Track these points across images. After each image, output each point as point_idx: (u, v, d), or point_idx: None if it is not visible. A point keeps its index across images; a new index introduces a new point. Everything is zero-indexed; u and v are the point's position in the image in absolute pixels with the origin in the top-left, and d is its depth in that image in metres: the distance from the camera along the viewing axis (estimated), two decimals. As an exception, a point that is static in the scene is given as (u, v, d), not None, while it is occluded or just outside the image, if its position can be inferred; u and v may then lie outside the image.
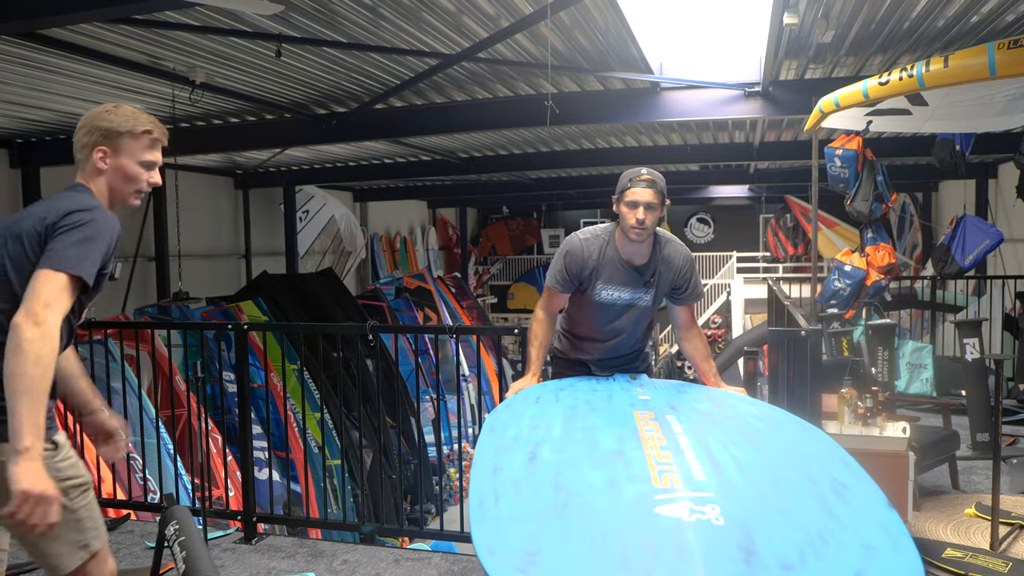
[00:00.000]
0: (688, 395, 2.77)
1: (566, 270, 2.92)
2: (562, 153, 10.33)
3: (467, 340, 10.27)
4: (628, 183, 2.81)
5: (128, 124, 2.07)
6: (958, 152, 5.27)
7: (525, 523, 1.71)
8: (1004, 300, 7.88)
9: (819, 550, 1.62)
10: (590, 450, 2.06)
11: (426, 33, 4.82)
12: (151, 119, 2.13)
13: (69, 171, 6.65)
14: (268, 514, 4.07)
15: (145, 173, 2.12)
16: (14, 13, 3.51)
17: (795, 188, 13.70)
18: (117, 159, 2.08)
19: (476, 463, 2.04)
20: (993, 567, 3.33)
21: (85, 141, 2.08)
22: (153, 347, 6.66)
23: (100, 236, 1.96)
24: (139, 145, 2.09)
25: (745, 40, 5.25)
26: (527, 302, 20.38)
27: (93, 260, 1.92)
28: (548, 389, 2.81)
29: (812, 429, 2.31)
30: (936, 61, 3.25)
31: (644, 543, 1.62)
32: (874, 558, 1.62)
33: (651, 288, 2.93)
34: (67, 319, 1.92)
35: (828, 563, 1.59)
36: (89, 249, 1.92)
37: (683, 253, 2.97)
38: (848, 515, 1.76)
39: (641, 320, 3.03)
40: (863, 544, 1.66)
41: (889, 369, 4.90)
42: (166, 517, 2.69)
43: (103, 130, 2.06)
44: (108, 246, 1.99)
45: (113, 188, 2.11)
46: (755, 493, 1.84)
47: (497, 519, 1.74)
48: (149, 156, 2.11)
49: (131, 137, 2.07)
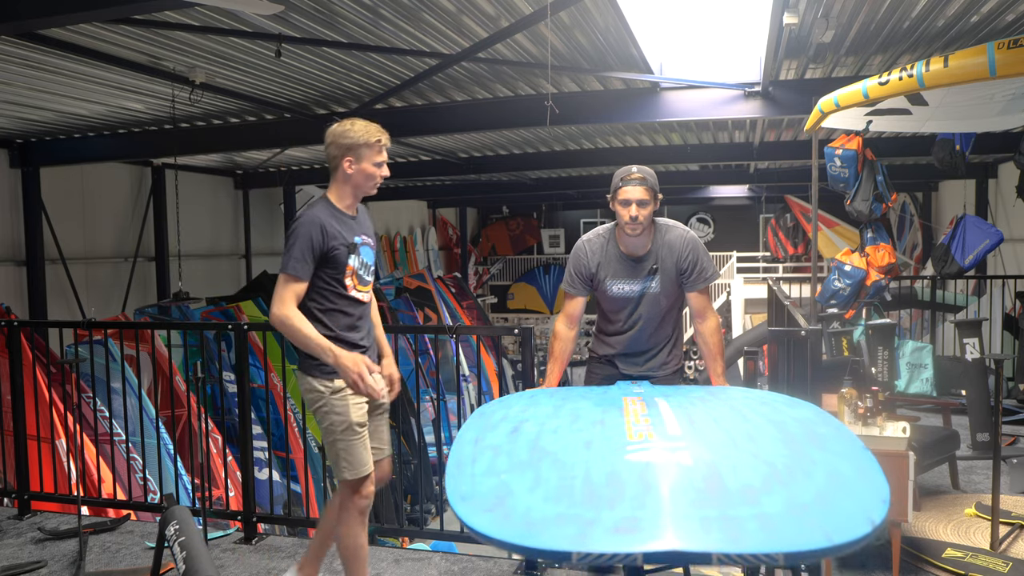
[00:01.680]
0: (685, 389, 2.78)
1: (573, 271, 3.08)
2: (562, 153, 10.33)
3: (467, 340, 10.27)
4: (620, 182, 2.93)
5: (364, 136, 2.70)
6: (958, 152, 5.26)
7: (498, 475, 1.77)
8: (1004, 300, 7.87)
9: (784, 480, 1.66)
10: (572, 422, 2.09)
11: (426, 33, 4.82)
12: (378, 129, 2.75)
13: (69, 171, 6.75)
14: (268, 514, 4.06)
15: (378, 171, 2.76)
16: (14, 13, 3.51)
17: (795, 188, 13.70)
18: (359, 164, 2.71)
19: (459, 436, 2.08)
20: (993, 567, 3.33)
21: (335, 154, 2.72)
22: (153, 347, 6.65)
23: (300, 237, 2.65)
24: (372, 151, 2.72)
25: (745, 40, 5.25)
26: (527, 302, 20.39)
27: (296, 257, 2.63)
28: (547, 390, 2.85)
29: (800, 402, 2.33)
30: (936, 61, 3.25)
31: (611, 481, 1.65)
32: (839, 482, 1.66)
33: (655, 276, 2.98)
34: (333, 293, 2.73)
35: (792, 489, 1.62)
36: (289, 251, 2.66)
37: (685, 236, 3.01)
38: (820, 455, 1.79)
39: (655, 308, 3.03)
40: (829, 473, 1.70)
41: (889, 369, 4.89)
42: (166, 517, 2.69)
43: (346, 145, 2.70)
44: (308, 240, 2.64)
45: (358, 185, 2.76)
46: (728, 442, 1.87)
47: (472, 475, 1.79)
48: (379, 158, 2.75)
49: (367, 147, 2.71)
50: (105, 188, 9.47)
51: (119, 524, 4.15)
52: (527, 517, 1.57)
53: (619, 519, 1.52)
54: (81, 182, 9.13)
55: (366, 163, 2.72)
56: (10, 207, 8.21)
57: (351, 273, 2.75)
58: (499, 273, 20.68)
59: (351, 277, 2.76)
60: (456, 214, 18.75)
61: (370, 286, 2.87)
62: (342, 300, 2.75)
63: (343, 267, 2.72)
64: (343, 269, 2.72)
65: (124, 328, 5.34)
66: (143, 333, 6.21)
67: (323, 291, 2.73)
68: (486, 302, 19.46)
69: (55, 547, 3.84)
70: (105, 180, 9.44)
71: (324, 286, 2.72)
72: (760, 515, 1.52)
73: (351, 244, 2.74)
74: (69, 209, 8.95)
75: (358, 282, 2.79)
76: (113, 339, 5.38)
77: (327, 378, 2.72)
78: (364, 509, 2.79)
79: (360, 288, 2.80)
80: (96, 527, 4.05)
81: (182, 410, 6.32)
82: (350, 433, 2.72)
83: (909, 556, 3.49)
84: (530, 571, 3.40)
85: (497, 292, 20.52)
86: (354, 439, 2.72)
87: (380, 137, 2.73)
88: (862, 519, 1.51)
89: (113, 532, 4.05)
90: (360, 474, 2.74)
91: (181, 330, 6.60)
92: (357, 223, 2.81)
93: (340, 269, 2.72)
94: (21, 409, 4.43)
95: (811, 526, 1.51)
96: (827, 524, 1.51)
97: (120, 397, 4.52)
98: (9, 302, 7.73)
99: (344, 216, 2.77)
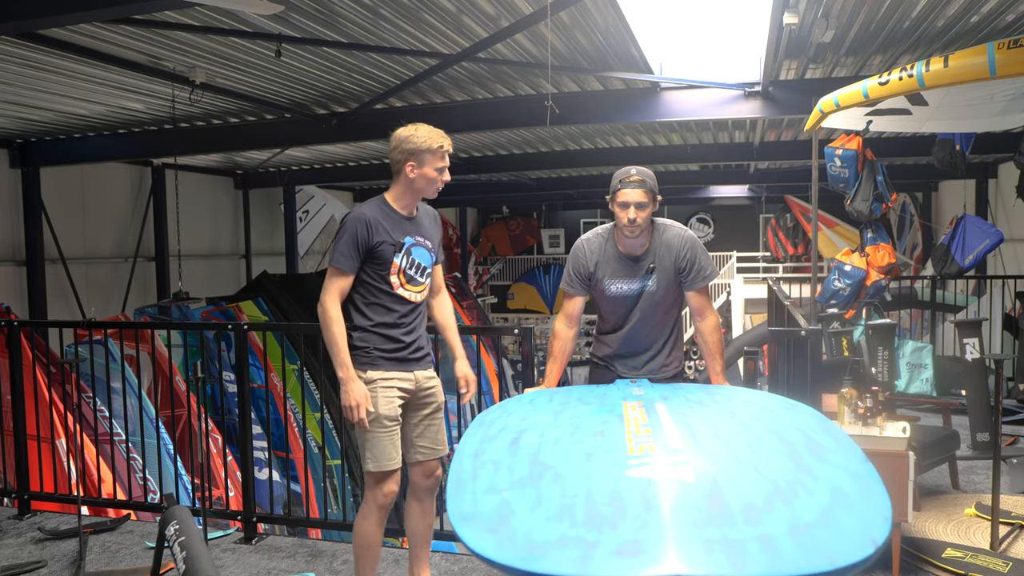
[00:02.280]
0: (683, 389, 2.76)
1: (572, 270, 3.09)
2: (562, 153, 10.33)
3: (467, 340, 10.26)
4: (619, 184, 2.94)
5: (427, 143, 2.77)
6: (958, 152, 5.26)
7: (499, 493, 1.76)
8: (1004, 300, 7.87)
9: (787, 497, 1.65)
10: (572, 433, 2.08)
11: (426, 33, 4.82)
12: (441, 135, 2.82)
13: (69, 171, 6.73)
14: (268, 514, 4.07)
15: (440, 176, 2.83)
16: (14, 13, 3.51)
17: (795, 188, 13.69)
18: (421, 169, 2.78)
19: (459, 450, 2.08)
20: (993, 567, 3.33)
21: (398, 158, 2.80)
22: (153, 347, 6.65)
23: (346, 232, 2.76)
24: (435, 157, 2.79)
25: (745, 40, 5.25)
26: (527, 302, 20.38)
27: (341, 251, 2.75)
28: (546, 391, 2.84)
29: (799, 406, 2.33)
30: (936, 61, 3.25)
31: (613, 500, 1.65)
32: (841, 500, 1.65)
33: (652, 275, 2.99)
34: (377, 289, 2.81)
35: (795, 507, 1.61)
36: (335, 245, 2.79)
37: (683, 235, 3.02)
38: (821, 469, 1.78)
39: (653, 307, 3.03)
40: (832, 490, 1.69)
41: (889, 369, 4.89)
42: (166, 517, 2.69)
43: (410, 150, 2.77)
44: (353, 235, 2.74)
45: (419, 189, 2.83)
46: (729, 455, 1.86)
47: (473, 492, 1.79)
48: (441, 164, 2.82)
49: (430, 153, 2.77)
50: (105, 188, 9.47)
51: (119, 524, 4.15)
52: (529, 539, 1.56)
53: (622, 541, 1.51)
54: (81, 182, 9.13)
55: (428, 168, 2.79)
56: (10, 207, 8.21)
57: (397, 271, 2.81)
58: (499, 273, 20.67)
59: (397, 275, 2.82)
60: (456, 214, 18.74)
61: (424, 287, 2.91)
62: (387, 297, 2.82)
63: (388, 264, 2.79)
64: (388, 267, 2.79)
65: (124, 328, 5.34)
66: (143, 333, 6.21)
67: (368, 285, 2.81)
68: (486, 302, 19.46)
69: (55, 547, 3.84)
70: (105, 180, 9.44)
71: (369, 281, 2.81)
72: (762, 536, 1.51)
73: (398, 243, 2.79)
74: (69, 209, 8.96)
75: (406, 281, 2.85)
76: (113, 339, 5.39)
77: (361, 368, 2.79)
78: (384, 506, 2.86)
79: (408, 287, 2.85)
80: (96, 527, 4.05)
81: (182, 410, 6.32)
82: (377, 425, 2.78)
83: (909, 556, 3.49)
84: (530, 571, 3.38)
85: (497, 292, 20.51)
86: (380, 432, 2.78)
87: (443, 143, 2.81)
88: (865, 540, 1.50)
89: (113, 532, 4.05)
90: (383, 468, 2.80)
91: (181, 330, 6.59)
92: (413, 224, 2.87)
93: (385, 266, 2.79)
94: (21, 409, 4.43)
95: (814, 549, 1.50)
96: (830, 546, 1.50)
97: (120, 397, 4.52)
98: (9, 302, 7.73)
99: (397, 216, 2.83)
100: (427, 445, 2.96)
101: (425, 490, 2.99)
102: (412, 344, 2.88)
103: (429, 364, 3.00)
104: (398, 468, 2.85)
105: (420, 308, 2.93)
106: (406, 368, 2.86)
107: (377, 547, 2.91)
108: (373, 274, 2.80)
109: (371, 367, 2.79)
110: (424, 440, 2.95)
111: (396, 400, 2.83)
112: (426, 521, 3.01)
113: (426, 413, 2.97)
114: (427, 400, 2.97)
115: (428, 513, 3.01)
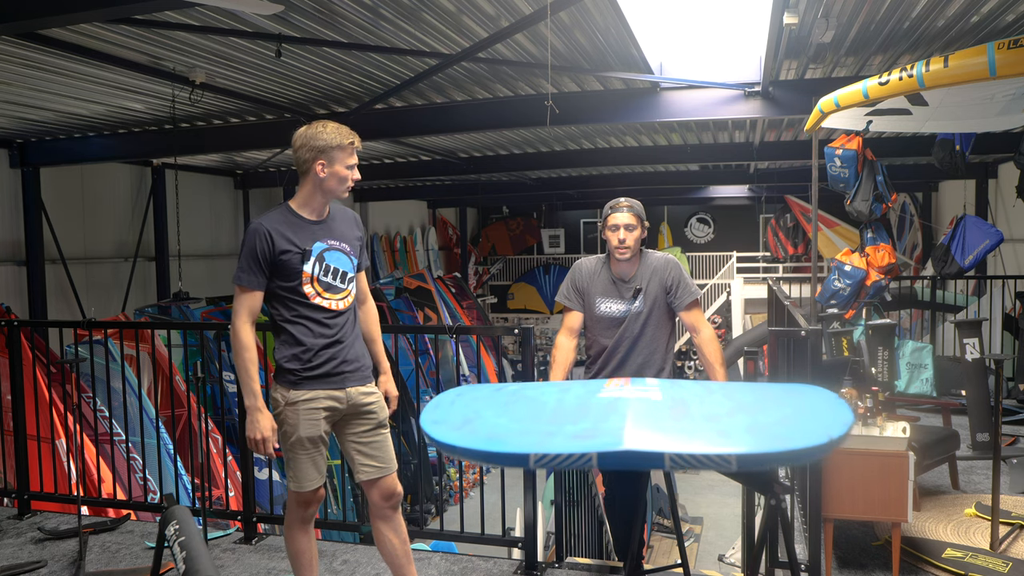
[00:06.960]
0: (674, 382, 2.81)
1: (569, 284, 3.44)
2: (562, 153, 10.33)
3: (467, 340, 10.28)
4: (608, 210, 3.30)
5: (337, 139, 2.64)
6: (958, 152, 5.26)
7: (471, 405, 1.90)
8: (1004, 300, 7.88)
9: (749, 410, 1.74)
10: (556, 387, 2.18)
11: (426, 33, 4.82)
12: (350, 131, 2.68)
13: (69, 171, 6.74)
14: (268, 514, 4.06)
15: (351, 174, 2.69)
16: (14, 13, 3.52)
17: (795, 188, 13.69)
18: (332, 167, 2.65)
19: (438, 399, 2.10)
20: (993, 567, 3.33)
21: (306, 157, 2.67)
22: (153, 347, 6.66)
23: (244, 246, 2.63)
24: (345, 154, 2.66)
25: (745, 40, 5.25)
26: (527, 302, 20.38)
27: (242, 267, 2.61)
28: None
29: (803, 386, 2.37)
30: (936, 61, 3.25)
31: (579, 408, 1.76)
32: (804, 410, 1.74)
33: (639, 296, 3.30)
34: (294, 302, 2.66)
35: (756, 416, 1.69)
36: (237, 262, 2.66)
37: (666, 259, 3.38)
38: (789, 400, 1.88)
39: (640, 328, 3.31)
40: (796, 405, 1.79)
41: (889, 369, 4.88)
42: (166, 517, 2.69)
43: (319, 148, 2.64)
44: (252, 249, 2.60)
45: (329, 189, 2.68)
46: (703, 391, 1.95)
47: (448, 407, 1.90)
48: (352, 160, 2.69)
49: (340, 149, 2.64)
50: (105, 188, 9.47)
51: (119, 524, 4.15)
52: (492, 432, 1.69)
53: (580, 430, 1.61)
54: (81, 182, 9.13)
55: (339, 166, 2.65)
56: (10, 207, 8.21)
57: (310, 280, 2.63)
58: (499, 273, 20.67)
59: (311, 284, 2.64)
60: (456, 214, 18.75)
61: (347, 293, 2.72)
62: (306, 308, 2.65)
63: (298, 274, 2.61)
64: (298, 276, 2.62)
65: (124, 328, 5.34)
66: (143, 333, 6.21)
67: (284, 299, 2.65)
68: (486, 302, 19.46)
69: (55, 547, 3.84)
70: (105, 180, 9.45)
71: (284, 294, 2.65)
72: (719, 429, 1.60)
73: (305, 250, 2.62)
74: (69, 209, 8.96)
75: (323, 289, 2.66)
76: (113, 339, 5.39)
77: (285, 387, 2.67)
78: (307, 520, 2.80)
79: (327, 295, 2.67)
80: (96, 527, 4.05)
81: (182, 410, 6.33)
82: (298, 446, 2.67)
83: (909, 556, 3.49)
84: (530, 571, 3.40)
85: (497, 292, 20.51)
86: (301, 453, 2.68)
87: (352, 139, 2.67)
88: (820, 433, 1.54)
89: (113, 532, 4.05)
90: (303, 488, 2.70)
91: (181, 330, 6.60)
92: (324, 228, 2.70)
93: (295, 276, 2.62)
94: (21, 409, 4.43)
95: (768, 436, 1.57)
96: (784, 435, 1.57)
97: (120, 397, 4.52)
98: (9, 302, 7.74)
99: (302, 221, 2.67)
100: (371, 463, 2.76)
101: (390, 509, 2.81)
102: (338, 359, 2.69)
103: (365, 379, 2.78)
104: (319, 487, 2.74)
105: (347, 317, 2.73)
106: (334, 386, 2.68)
107: (309, 552, 2.82)
108: (286, 286, 2.63)
109: (294, 387, 2.65)
110: (366, 458, 2.76)
111: (321, 422, 2.68)
112: (401, 538, 2.83)
113: (364, 429, 2.77)
114: (366, 416, 2.77)
115: (400, 529, 2.83)
